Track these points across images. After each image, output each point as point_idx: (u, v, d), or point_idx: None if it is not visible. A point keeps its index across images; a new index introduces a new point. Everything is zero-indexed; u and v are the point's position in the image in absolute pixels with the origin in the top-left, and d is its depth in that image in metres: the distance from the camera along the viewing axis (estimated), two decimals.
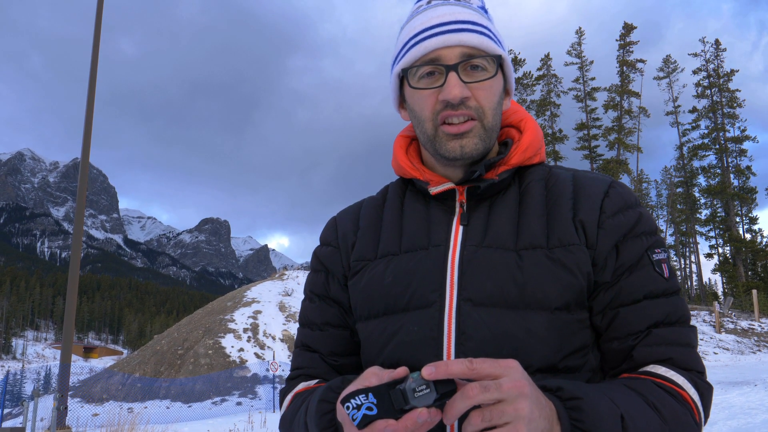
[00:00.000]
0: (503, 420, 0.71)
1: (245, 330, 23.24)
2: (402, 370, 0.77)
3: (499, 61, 0.99)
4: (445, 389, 0.74)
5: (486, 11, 1.05)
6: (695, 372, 0.93)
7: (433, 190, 1.02)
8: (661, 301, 0.95)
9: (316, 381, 1.07)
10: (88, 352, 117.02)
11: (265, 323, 23.94)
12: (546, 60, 51.67)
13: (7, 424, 17.13)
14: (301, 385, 1.07)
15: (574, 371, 0.93)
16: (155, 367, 21.90)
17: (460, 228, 0.99)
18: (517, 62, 50.46)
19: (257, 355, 21.73)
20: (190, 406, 18.36)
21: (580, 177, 1.03)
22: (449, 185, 1.01)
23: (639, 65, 49.55)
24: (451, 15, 0.98)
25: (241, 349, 21.98)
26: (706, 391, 0.93)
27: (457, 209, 1.02)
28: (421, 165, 1.07)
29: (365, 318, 1.04)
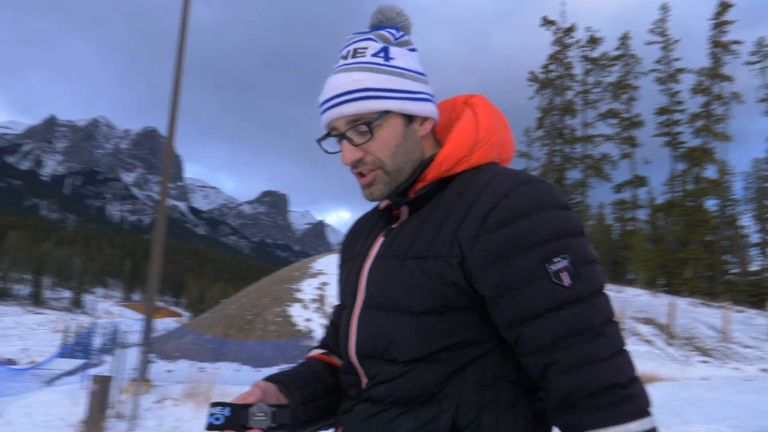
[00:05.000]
0: None
1: (313, 300, 23.22)
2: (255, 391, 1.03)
3: (384, 114, 1.08)
4: (282, 420, 0.94)
5: (386, 52, 1.10)
6: (607, 388, 0.91)
7: (380, 206, 1.22)
8: (562, 313, 0.94)
9: (322, 351, 1.28)
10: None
11: (332, 295, 23.86)
12: (625, 39, 48.92)
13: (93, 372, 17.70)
14: (313, 352, 1.31)
15: (445, 362, 1.01)
16: (225, 330, 22.21)
17: (380, 239, 1.15)
18: (593, 41, 48.05)
19: (323, 326, 21.74)
20: (259, 371, 18.47)
21: (490, 183, 1.04)
22: (386, 202, 1.18)
23: (734, 47, 46.12)
24: (337, 87, 1.08)
25: (308, 319, 21.98)
26: (612, 407, 0.90)
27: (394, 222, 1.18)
28: None
29: None
